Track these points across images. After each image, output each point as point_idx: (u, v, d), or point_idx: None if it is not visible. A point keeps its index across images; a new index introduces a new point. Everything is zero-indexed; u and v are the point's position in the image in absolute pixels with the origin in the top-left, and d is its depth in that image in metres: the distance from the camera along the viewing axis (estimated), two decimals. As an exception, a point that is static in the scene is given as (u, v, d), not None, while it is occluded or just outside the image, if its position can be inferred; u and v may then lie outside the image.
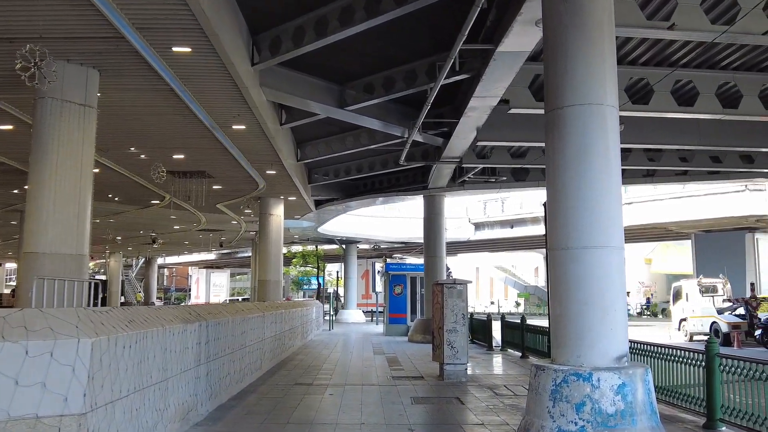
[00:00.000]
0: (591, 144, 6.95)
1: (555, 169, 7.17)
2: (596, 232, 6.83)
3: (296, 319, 18.86)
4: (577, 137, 6.98)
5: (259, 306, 13.36)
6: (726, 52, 13.51)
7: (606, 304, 6.75)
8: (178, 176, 19.55)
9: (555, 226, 7.14)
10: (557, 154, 7.15)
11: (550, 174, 7.30)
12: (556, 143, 7.17)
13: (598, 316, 6.72)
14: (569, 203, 6.94)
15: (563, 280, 6.93)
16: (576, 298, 6.79)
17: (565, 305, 6.88)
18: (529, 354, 16.17)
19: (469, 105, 13.69)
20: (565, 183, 7.00)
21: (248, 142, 15.79)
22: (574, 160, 6.97)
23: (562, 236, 6.99)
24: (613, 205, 6.96)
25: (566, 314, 6.86)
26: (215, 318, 8.97)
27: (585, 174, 6.91)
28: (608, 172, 6.98)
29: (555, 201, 7.15)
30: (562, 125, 7.11)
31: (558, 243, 7.04)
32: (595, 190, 6.88)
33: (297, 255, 49.07)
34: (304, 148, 19.89)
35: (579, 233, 6.85)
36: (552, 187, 7.22)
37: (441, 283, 12.50)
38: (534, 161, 19.25)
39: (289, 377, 12.48)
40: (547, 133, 7.36)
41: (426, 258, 24.10)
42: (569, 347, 6.78)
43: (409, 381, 12.04)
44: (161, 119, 14.17)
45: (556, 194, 7.13)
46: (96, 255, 56.53)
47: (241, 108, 13.09)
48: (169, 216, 29.53)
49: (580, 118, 7.00)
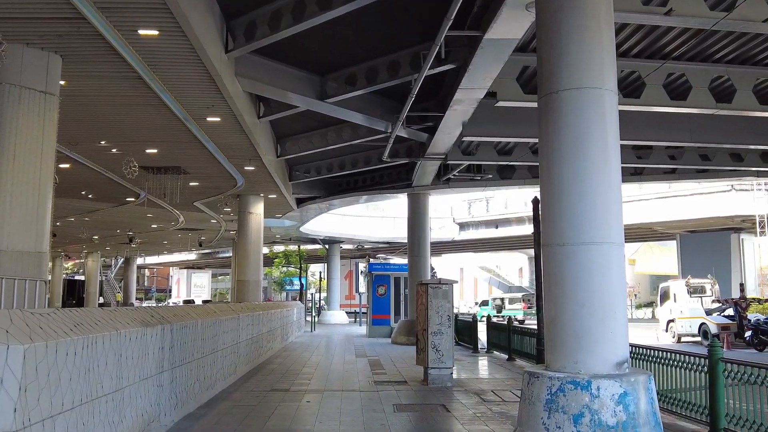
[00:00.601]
0: (588, 131, 6.39)
1: (549, 159, 6.59)
2: (594, 227, 6.27)
3: (275, 321, 18.18)
4: (574, 124, 6.42)
5: (234, 307, 12.68)
6: (720, 45, 13.08)
7: (605, 304, 6.19)
8: (152, 172, 18.80)
9: (550, 220, 6.56)
10: (552, 142, 6.58)
11: (543, 164, 6.73)
12: (551, 131, 6.60)
13: (597, 317, 6.16)
14: (565, 196, 6.38)
15: (558, 279, 6.36)
16: (573, 299, 6.22)
17: (560, 306, 6.31)
18: (516, 356, 15.65)
19: (454, 98, 13.12)
20: (561, 174, 6.43)
21: (224, 135, 15.10)
22: (570, 148, 6.40)
23: (557, 231, 6.41)
24: (613, 197, 6.40)
25: (562, 316, 6.28)
26: (181, 320, 8.29)
27: (582, 164, 6.35)
28: (607, 161, 6.43)
29: (549, 193, 6.58)
30: (557, 111, 6.53)
31: (553, 238, 6.46)
32: (593, 181, 6.32)
33: (279, 255, 48.27)
34: (284, 144, 19.22)
35: (576, 228, 6.28)
36: (546, 178, 6.64)
37: (425, 283, 11.90)
38: (521, 158, 18.74)
39: (265, 382, 11.82)
40: (541, 121, 6.77)
41: (410, 258, 23.51)
42: (565, 352, 6.21)
43: (392, 386, 11.43)
44: (131, 110, 13.46)
45: (551, 186, 6.55)
46: (74, 255, 55.46)
47: (215, 98, 12.41)
48: (146, 214, 28.70)
49: (577, 103, 6.44)
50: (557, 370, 6.19)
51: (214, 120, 13.81)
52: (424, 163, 19.47)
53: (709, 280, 24.41)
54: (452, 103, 13.44)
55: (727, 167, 20.42)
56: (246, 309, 13.65)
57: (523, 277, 73.38)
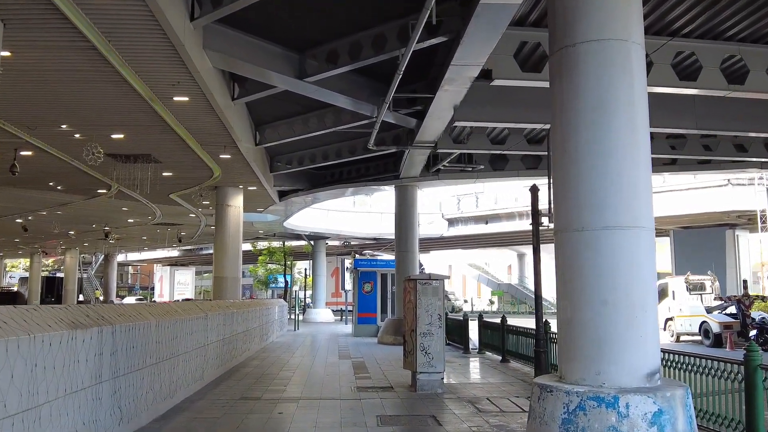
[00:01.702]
0: (613, 91, 5.28)
1: (564, 127, 5.47)
2: (620, 208, 5.16)
3: (253, 320, 16.98)
4: (595, 83, 5.31)
5: (202, 305, 11.48)
6: (731, 21, 12.07)
7: (633, 301, 5.09)
8: (121, 160, 17.48)
9: (565, 201, 5.44)
10: (567, 106, 5.46)
11: (556, 133, 5.60)
12: (566, 92, 5.47)
13: (624, 319, 5.05)
14: (584, 170, 5.26)
15: (576, 272, 5.24)
16: (594, 296, 5.11)
17: (578, 306, 5.19)
18: (510, 358, 14.57)
19: (446, 76, 11.97)
20: (578, 144, 5.31)
21: (194, 118, 13.85)
22: (590, 113, 5.28)
23: (574, 214, 5.30)
24: (641, 172, 5.31)
25: (580, 317, 5.17)
26: (128, 321, 7.10)
27: (605, 131, 5.24)
28: (634, 129, 5.32)
29: (564, 168, 5.45)
30: (573, 68, 5.41)
31: (569, 223, 5.34)
32: (618, 152, 5.22)
33: (263, 252, 46.94)
34: (263, 131, 17.99)
35: (598, 209, 5.17)
36: (559, 150, 5.52)
37: (414, 279, 10.76)
38: (515, 147, 17.61)
39: (235, 389, 10.63)
40: (554, 81, 5.65)
41: (397, 253, 22.39)
42: (585, 361, 5.09)
43: (376, 393, 10.28)
44: (89, 89, 12.17)
45: (566, 159, 5.43)
46: (51, 251, 53.84)
47: (180, 73, 11.17)
48: (121, 208, 27.34)
49: (599, 58, 5.33)
50: (575, 382, 5.07)
51: (181, 100, 12.57)
52: (412, 153, 18.32)
53: (709, 277, 23.46)
54: (443, 82, 12.29)
55: (731, 158, 19.44)
56: (217, 307, 12.44)
57: (512, 274, 72.55)
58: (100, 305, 7.03)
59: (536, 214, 11.68)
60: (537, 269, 11.65)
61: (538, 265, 11.68)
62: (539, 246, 11.75)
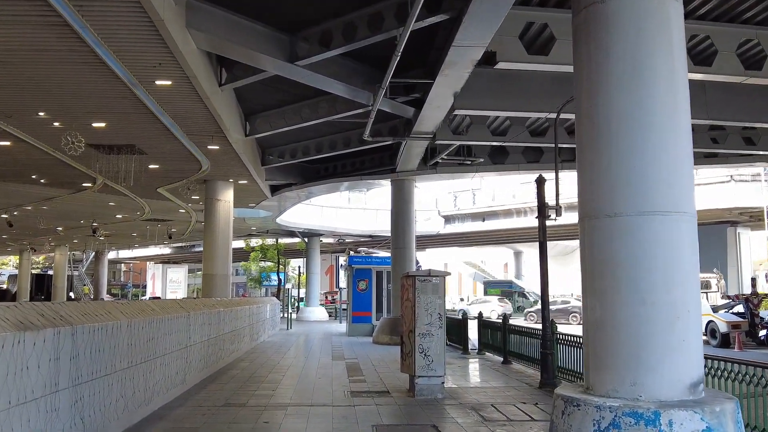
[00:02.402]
0: (650, 53, 4.55)
1: (593, 96, 4.73)
2: (660, 190, 4.43)
3: (242, 319, 16.18)
4: (629, 44, 4.58)
5: (184, 304, 10.70)
6: (748, 3, 11.37)
7: (675, 300, 4.37)
8: (104, 151, 16.65)
9: (593, 182, 4.70)
10: (596, 72, 4.71)
11: (583, 104, 4.85)
12: (594, 56, 4.73)
13: (664, 319, 4.32)
14: (618, 145, 4.53)
15: (608, 266, 4.51)
16: (629, 293, 4.37)
17: (610, 305, 4.45)
18: (512, 359, 13.83)
19: (447, 59, 11.19)
20: (611, 115, 4.57)
21: (179, 104, 13.06)
22: (624, 79, 4.55)
23: (604, 197, 4.56)
24: (683, 147, 4.57)
25: (613, 319, 4.43)
26: (93, 321, 6.31)
27: (642, 100, 4.52)
28: (675, 97, 4.60)
29: (593, 143, 4.71)
30: (603, 27, 4.67)
31: (598, 207, 4.59)
32: (657, 124, 4.50)
33: (256, 248, 46.09)
34: (253, 122, 17.19)
35: (633, 192, 4.44)
36: (587, 123, 4.77)
37: (412, 275, 9.99)
38: (516, 138, 16.84)
39: (220, 394, 9.85)
40: (579, 44, 4.91)
41: (393, 250, 21.61)
42: (618, 370, 4.35)
43: (371, 398, 9.52)
44: (65, 71, 11.35)
45: (595, 133, 4.68)
46: (40, 248, 52.85)
47: (161, 54, 10.38)
48: (108, 203, 26.45)
49: (633, 15, 4.60)
50: (606, 395, 4.33)
51: (164, 84, 11.76)
52: (409, 145, 17.54)
53: (714, 275, 22.78)
54: (444, 66, 11.52)
55: (739, 151, 18.74)
56: (201, 306, 11.66)
57: (508, 272, 71.89)
58: (62, 303, 6.24)
59: (543, 208, 10.94)
60: (544, 267, 10.91)
61: (545, 262, 10.94)
62: (546, 242, 11.01)
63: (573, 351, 10.39)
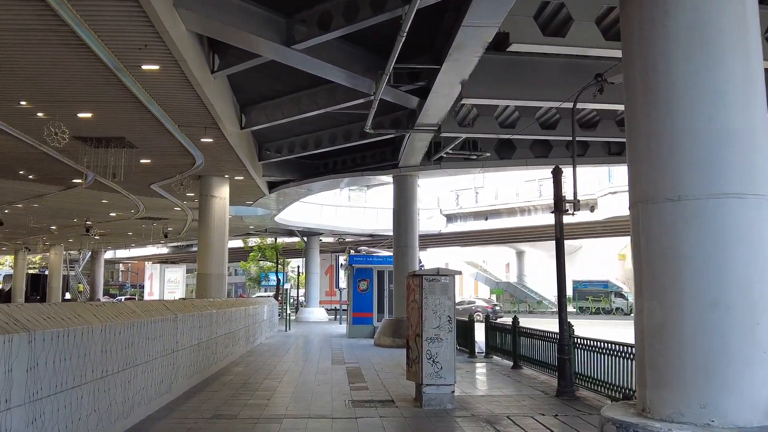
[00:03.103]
0: (719, 9, 3.68)
1: (649, 61, 3.98)
2: (734, 169, 3.67)
3: (237, 321, 15.37)
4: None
5: (171, 305, 9.88)
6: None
7: (755, 302, 3.60)
8: (92, 144, 15.82)
9: (651, 160, 3.94)
10: (653, 33, 3.91)
11: (636, 72, 4.13)
12: (650, 14, 3.88)
13: (742, 327, 3.55)
14: (682, 117, 3.75)
15: (670, 260, 3.72)
16: (697, 294, 3.58)
17: (673, 307, 3.66)
18: (523, 364, 13.01)
19: (455, 41, 10.37)
20: (673, 83, 3.78)
21: (169, 92, 12.24)
22: (687, 42, 3.73)
23: (665, 177, 3.80)
24: (759, 118, 3.71)
25: (676, 324, 3.63)
26: (58, 326, 5.50)
27: (711, 64, 3.69)
28: (747, 61, 3.78)
29: (650, 116, 3.92)
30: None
31: (657, 189, 3.82)
32: (729, 91, 3.75)
33: (254, 248, 45.29)
34: (249, 113, 16.38)
35: (701, 171, 3.68)
36: (642, 92, 4.03)
37: (419, 275, 9.18)
38: (525, 131, 16.02)
39: (209, 404, 9.04)
40: (628, 2, 4.05)
41: (395, 249, 20.81)
42: (684, 388, 3.56)
43: (374, 409, 8.71)
44: (44, 54, 10.54)
45: (653, 103, 3.87)
46: (33, 247, 51.99)
47: (147, 35, 9.56)
48: (101, 200, 25.62)
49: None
50: (669, 418, 3.54)
51: (151, 69, 10.94)
52: (413, 138, 16.73)
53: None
54: (452, 49, 10.70)
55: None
56: (191, 307, 10.84)
57: (510, 272, 71.12)
58: (20, 306, 5.43)
59: (560, 201, 10.13)
60: (561, 265, 10.10)
61: (562, 260, 10.13)
62: (563, 238, 10.20)
63: (593, 356, 9.58)
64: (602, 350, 9.25)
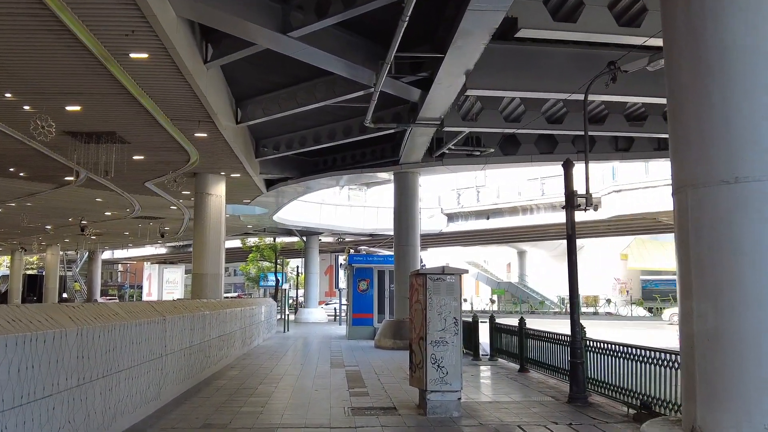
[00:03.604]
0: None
1: (703, 36, 3.32)
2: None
3: (233, 322, 14.81)
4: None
5: (159, 306, 9.32)
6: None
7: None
8: (82, 139, 15.26)
9: (701, 137, 3.31)
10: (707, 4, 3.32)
11: (685, 46, 3.47)
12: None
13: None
14: (740, 86, 3.18)
15: (725, 252, 3.18)
16: (761, 293, 2.97)
17: (731, 309, 3.12)
18: (530, 367, 12.46)
19: (460, 27, 9.81)
20: (727, 46, 3.18)
21: (159, 83, 11.70)
22: (756, 10, 3.14)
23: (719, 156, 3.25)
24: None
25: (735, 329, 3.10)
26: (24, 330, 4.95)
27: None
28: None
29: (699, 88, 3.38)
30: None
31: (708, 171, 3.33)
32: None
33: (253, 248, 44.74)
34: (245, 107, 15.84)
35: (763, 149, 3.03)
36: (688, 59, 3.40)
37: (423, 274, 8.62)
38: (531, 125, 15.45)
39: (199, 411, 8.48)
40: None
41: (396, 248, 20.25)
42: (744, 404, 3.02)
43: (375, 417, 8.15)
44: (28, 41, 9.98)
45: (702, 74, 3.30)
46: (29, 247, 51.45)
47: (134, 20, 9.02)
48: (95, 198, 25.07)
49: None
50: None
51: (140, 57, 10.39)
52: (414, 133, 16.17)
53: None
54: (457, 36, 10.13)
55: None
56: (182, 308, 10.29)
57: (511, 272, 70.58)
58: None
59: (571, 196, 9.57)
60: (572, 263, 9.54)
61: (574, 257, 9.57)
62: (574, 235, 9.64)
63: (607, 360, 9.03)
64: (617, 354, 8.70)
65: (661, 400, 7.58)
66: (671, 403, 7.42)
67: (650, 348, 7.96)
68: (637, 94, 12.95)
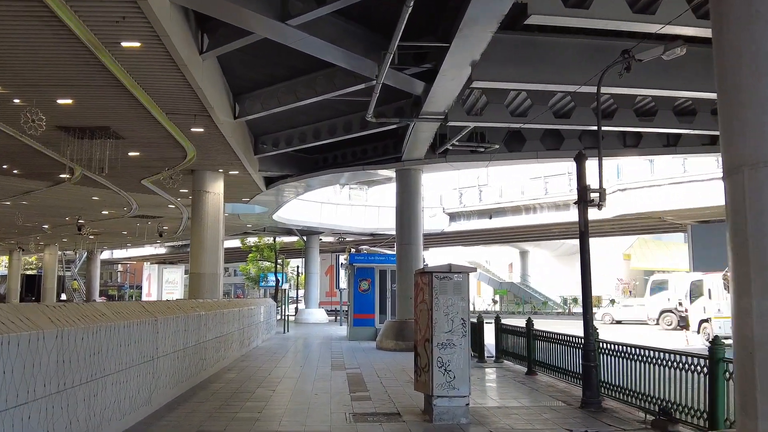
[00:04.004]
0: None
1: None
2: None
3: (230, 323, 14.35)
4: None
5: (151, 307, 8.87)
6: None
7: None
8: (75, 135, 14.81)
9: (762, 110, 2.84)
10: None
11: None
12: None
13: None
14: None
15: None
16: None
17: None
18: (538, 370, 12.01)
19: (466, 15, 9.38)
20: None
21: (152, 74, 11.26)
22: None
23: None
24: None
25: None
26: None
27: None
28: None
29: (750, 45, 2.87)
30: None
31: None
32: None
33: (252, 248, 44.27)
34: (243, 102, 15.40)
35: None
36: (745, 15, 2.92)
37: (428, 272, 8.16)
38: (537, 119, 14.97)
39: (193, 417, 8.03)
40: None
41: (398, 247, 19.80)
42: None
43: (378, 424, 7.70)
44: (15, 29, 9.55)
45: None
46: (26, 247, 51.02)
47: (125, 6, 8.59)
48: (92, 197, 24.62)
49: None
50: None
51: (132, 46, 9.95)
52: (417, 128, 15.72)
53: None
54: (463, 24, 9.70)
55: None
56: (175, 309, 9.83)
57: (513, 273, 70.17)
58: None
59: (584, 191, 9.12)
60: (586, 262, 9.08)
61: (587, 256, 9.12)
62: (587, 232, 9.19)
63: (622, 363, 8.58)
64: (634, 356, 8.25)
65: (683, 406, 7.14)
66: (694, 409, 6.98)
67: (671, 351, 7.51)
68: (648, 86, 12.51)
